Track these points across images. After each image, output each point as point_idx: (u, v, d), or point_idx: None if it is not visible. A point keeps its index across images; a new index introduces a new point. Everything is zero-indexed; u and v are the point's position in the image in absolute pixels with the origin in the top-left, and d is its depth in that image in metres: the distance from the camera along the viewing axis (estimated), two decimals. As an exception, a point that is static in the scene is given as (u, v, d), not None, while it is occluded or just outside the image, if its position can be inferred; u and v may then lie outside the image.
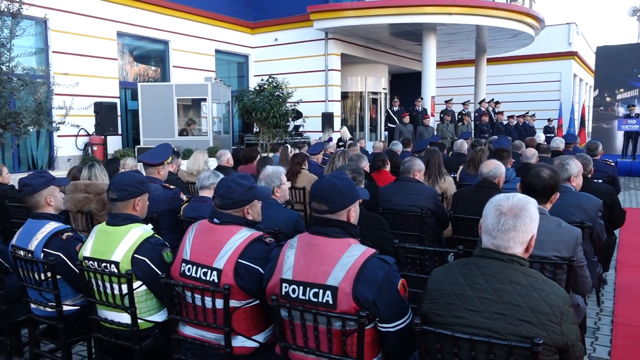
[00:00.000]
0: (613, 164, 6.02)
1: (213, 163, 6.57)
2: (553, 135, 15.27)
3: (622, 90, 15.93)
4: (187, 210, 3.68)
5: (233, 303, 2.10)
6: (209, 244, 2.19)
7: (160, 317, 2.46)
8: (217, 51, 14.53)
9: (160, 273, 2.31)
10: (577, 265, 2.60)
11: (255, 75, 15.34)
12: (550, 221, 2.54)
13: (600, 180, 5.07)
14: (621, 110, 15.18)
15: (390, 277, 1.86)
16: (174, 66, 13.31)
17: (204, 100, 12.05)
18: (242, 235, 2.18)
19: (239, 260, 2.11)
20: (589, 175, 4.28)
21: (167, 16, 12.90)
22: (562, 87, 20.75)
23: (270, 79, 11.82)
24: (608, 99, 16.33)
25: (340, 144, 11.77)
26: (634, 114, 13.66)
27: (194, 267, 2.18)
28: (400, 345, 1.90)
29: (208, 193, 3.55)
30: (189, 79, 13.21)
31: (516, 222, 1.72)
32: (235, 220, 2.24)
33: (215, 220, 2.25)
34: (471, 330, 1.66)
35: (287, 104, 11.81)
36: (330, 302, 1.83)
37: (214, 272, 2.12)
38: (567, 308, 1.66)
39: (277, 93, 11.46)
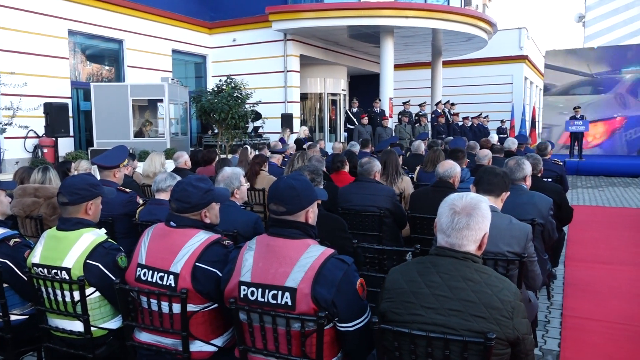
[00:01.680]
0: (561, 163, 6.28)
1: (170, 165, 6.44)
2: (506, 135, 15.81)
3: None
4: (143, 214, 3.59)
5: (190, 307, 2.07)
6: (166, 247, 2.15)
7: (114, 323, 2.39)
8: (173, 51, 14.26)
9: (114, 278, 2.25)
10: (528, 261, 2.71)
11: (213, 76, 15.14)
12: (501, 218, 2.64)
13: (550, 179, 5.28)
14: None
15: (349, 277, 1.88)
16: (128, 66, 12.96)
17: (161, 101, 11.80)
18: (199, 239, 2.15)
19: (197, 263, 2.08)
20: (539, 175, 4.46)
21: (121, 14, 12.55)
22: (513, 90, 21.46)
23: (228, 80, 11.70)
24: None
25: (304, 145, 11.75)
26: (579, 116, 14.29)
27: (150, 272, 2.13)
28: (360, 344, 1.92)
29: (164, 196, 3.48)
30: (144, 79, 12.90)
31: (469, 221, 1.77)
32: (192, 223, 2.21)
33: (171, 223, 2.21)
34: (427, 327, 1.69)
35: (246, 105, 11.72)
36: (289, 303, 1.83)
37: (171, 276, 2.08)
38: (518, 303, 1.72)
39: (235, 94, 11.35)
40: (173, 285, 2.07)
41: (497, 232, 2.52)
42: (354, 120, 13.27)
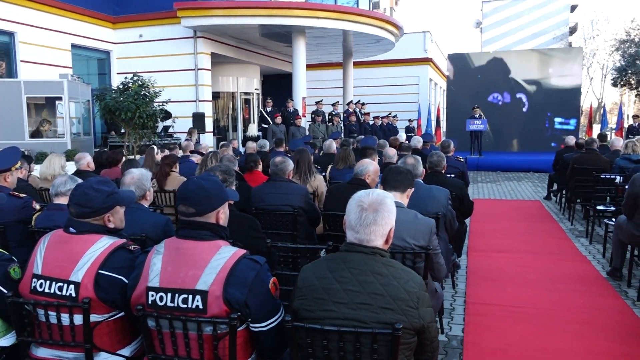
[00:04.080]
0: (463, 160, 6.71)
1: (71, 167, 6.04)
2: (413, 134, 16.55)
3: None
4: (40, 220, 3.34)
5: (94, 317, 1.96)
6: (65, 255, 2.01)
7: (7, 340, 2.20)
8: (73, 46, 13.34)
9: (6, 292, 2.07)
10: (433, 253, 2.87)
11: (118, 73, 14.38)
12: (407, 213, 2.78)
13: (453, 175, 5.61)
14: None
15: (262, 277, 1.87)
16: (22, 61, 11.93)
17: (60, 99, 11.01)
18: (102, 244, 2.04)
19: (100, 271, 1.97)
20: (443, 171, 4.72)
21: (11, 4, 11.52)
22: (420, 90, 22.58)
23: (135, 77, 11.17)
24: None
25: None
26: (477, 115, 15.30)
27: (47, 282, 1.98)
28: (274, 344, 1.92)
29: (64, 200, 3.25)
30: (41, 76, 11.96)
31: (376, 217, 1.83)
32: (94, 228, 2.09)
33: (71, 229, 2.07)
34: (339, 322, 1.73)
35: (155, 104, 11.26)
36: (201, 307, 1.79)
37: (71, 286, 1.95)
38: (423, 293, 1.82)
39: (143, 92, 10.86)
40: (74, 295, 1.94)
41: (403, 227, 2.65)
42: (268, 119, 13.24)
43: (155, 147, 6.79)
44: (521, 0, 33.53)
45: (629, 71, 18.38)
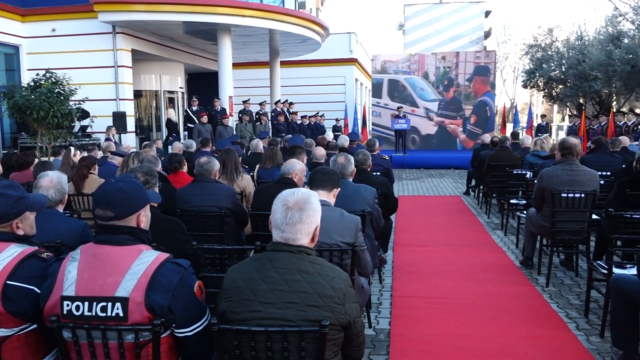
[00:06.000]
0: (388, 158, 6.91)
1: (-25, 171, 5.58)
2: (340, 133, 16.82)
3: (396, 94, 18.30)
4: (-62, 229, 3.06)
5: (2, 332, 1.83)
6: (-34, 267, 1.86)
7: None
8: (-24, 39, 12.32)
9: None
10: (359, 250, 2.94)
11: (29, 69, 13.42)
12: (334, 212, 2.83)
13: (378, 173, 5.76)
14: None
15: (186, 281, 1.83)
16: None
17: (-39, 96, 10.13)
18: (11, 253, 1.90)
19: (8, 281, 1.83)
20: (368, 169, 4.84)
21: None
22: (346, 90, 23.00)
23: (48, 74, 10.48)
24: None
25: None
26: (401, 115, 15.82)
27: (-53, 297, 1.82)
28: (200, 349, 1.89)
29: (-34, 207, 3.01)
30: (-63, 71, 10.95)
31: (302, 215, 1.85)
32: (0, 236, 1.94)
33: (-27, 238, 1.92)
34: (266, 322, 1.73)
35: (71, 103, 10.64)
36: (121, 314, 1.72)
37: (-25, 300, 1.81)
38: (349, 289, 1.86)
39: (57, 90, 10.22)
40: (-22, 309, 1.80)
41: (330, 225, 2.69)
42: (194, 118, 12.93)
43: (73, 148, 6.42)
44: (440, 4, 35.05)
45: (537, 74, 19.69)
